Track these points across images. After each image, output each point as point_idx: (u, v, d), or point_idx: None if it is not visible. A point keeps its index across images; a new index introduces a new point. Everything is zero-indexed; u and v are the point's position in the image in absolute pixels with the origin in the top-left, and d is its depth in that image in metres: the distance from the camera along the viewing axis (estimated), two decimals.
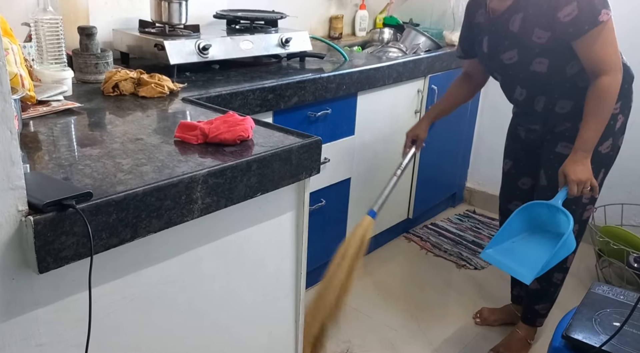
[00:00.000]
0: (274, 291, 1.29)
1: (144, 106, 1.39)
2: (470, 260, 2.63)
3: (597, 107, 1.55)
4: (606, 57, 1.52)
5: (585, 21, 1.48)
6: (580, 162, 1.58)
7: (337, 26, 2.90)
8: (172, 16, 1.86)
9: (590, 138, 1.57)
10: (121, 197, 0.86)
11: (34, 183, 0.82)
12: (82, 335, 0.89)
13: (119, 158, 1.02)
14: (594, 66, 1.54)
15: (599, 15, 1.48)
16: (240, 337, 1.25)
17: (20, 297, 0.83)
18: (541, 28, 1.56)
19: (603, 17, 1.48)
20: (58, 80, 1.39)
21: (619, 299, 1.56)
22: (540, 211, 1.63)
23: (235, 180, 1.04)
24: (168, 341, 1.08)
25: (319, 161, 1.22)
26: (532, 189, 1.92)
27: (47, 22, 1.44)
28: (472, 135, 3.12)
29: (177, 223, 0.97)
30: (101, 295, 0.93)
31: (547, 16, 1.54)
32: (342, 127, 2.14)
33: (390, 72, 2.23)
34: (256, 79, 1.80)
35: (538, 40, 1.58)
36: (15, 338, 0.84)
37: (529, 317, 1.99)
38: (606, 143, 1.68)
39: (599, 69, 1.53)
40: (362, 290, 2.36)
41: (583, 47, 1.53)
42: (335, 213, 2.25)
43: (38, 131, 1.15)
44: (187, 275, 1.07)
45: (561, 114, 1.69)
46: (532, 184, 1.92)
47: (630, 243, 2.34)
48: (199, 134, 1.11)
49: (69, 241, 0.81)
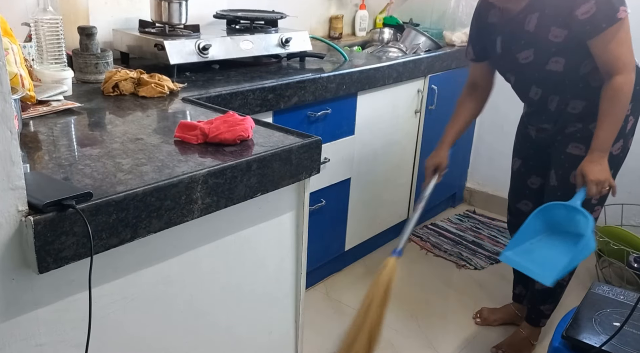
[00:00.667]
0: (274, 291, 1.29)
1: (144, 106, 1.39)
2: (470, 260, 2.63)
3: (612, 107, 1.55)
4: (621, 56, 1.51)
5: (603, 19, 1.47)
6: (598, 162, 1.58)
7: (337, 26, 2.90)
8: (172, 16, 1.86)
9: (607, 137, 1.57)
10: (121, 197, 0.86)
11: (34, 183, 0.82)
12: (82, 335, 0.89)
13: (119, 158, 1.02)
14: (609, 65, 1.53)
15: (617, 13, 1.46)
16: (240, 337, 1.25)
17: (20, 297, 0.83)
18: (558, 27, 1.55)
19: (621, 14, 1.47)
20: (58, 80, 1.39)
21: (619, 299, 1.56)
22: (558, 212, 1.60)
23: (235, 180, 1.04)
24: (168, 341, 1.08)
25: (319, 161, 1.22)
26: (541, 188, 1.90)
27: (47, 22, 1.44)
28: (472, 135, 3.12)
29: (177, 223, 0.97)
30: (101, 295, 0.93)
31: (564, 14, 1.53)
32: (342, 127, 2.13)
33: (390, 72, 2.23)
34: (256, 79, 1.80)
35: (555, 39, 1.57)
36: (15, 338, 0.84)
37: (533, 317, 1.98)
38: (617, 144, 1.67)
39: (614, 69, 1.52)
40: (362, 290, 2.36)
41: (599, 46, 1.52)
42: (335, 213, 2.25)
43: (38, 131, 1.15)
44: (187, 275, 1.07)
45: (573, 114, 1.68)
46: (541, 184, 1.91)
47: (630, 243, 2.34)
48: (199, 134, 1.11)
49: (69, 241, 0.81)
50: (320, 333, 2.05)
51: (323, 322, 2.13)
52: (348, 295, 2.32)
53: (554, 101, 1.70)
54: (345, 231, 2.35)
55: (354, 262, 2.55)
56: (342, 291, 2.34)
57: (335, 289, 2.35)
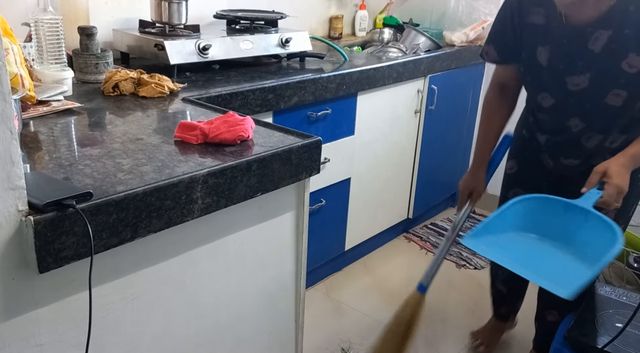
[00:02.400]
0: (274, 291, 1.29)
1: (144, 106, 1.39)
2: (470, 260, 2.63)
3: None
4: None
5: None
6: (626, 168, 1.33)
7: (337, 26, 2.90)
8: (172, 16, 1.86)
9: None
10: (121, 197, 0.86)
11: (34, 183, 0.82)
12: (82, 334, 0.89)
13: (119, 158, 1.02)
14: None
15: None
16: (240, 337, 1.25)
17: (20, 297, 0.83)
18: (637, 52, 1.24)
19: None
20: (58, 80, 1.39)
21: (621, 300, 1.56)
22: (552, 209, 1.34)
23: (235, 180, 1.04)
24: (168, 341, 1.08)
25: (319, 161, 1.22)
26: None
27: (47, 22, 1.44)
28: (472, 135, 3.12)
29: (177, 223, 0.97)
30: (101, 294, 0.93)
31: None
32: (342, 127, 2.14)
33: (390, 72, 2.23)
34: (256, 79, 1.80)
35: (629, 70, 1.26)
36: (15, 338, 0.84)
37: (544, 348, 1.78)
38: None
39: None
40: (362, 290, 2.36)
41: None
42: (335, 213, 2.25)
43: (38, 131, 1.15)
44: (187, 275, 1.07)
45: (609, 148, 1.43)
46: None
47: (630, 243, 2.34)
48: (199, 134, 1.11)
49: (69, 241, 0.81)
50: (320, 333, 2.05)
51: (323, 322, 2.13)
52: (348, 294, 2.32)
53: (594, 138, 1.42)
54: (345, 231, 2.35)
55: (354, 262, 2.55)
56: (342, 291, 2.34)
57: (335, 289, 2.35)
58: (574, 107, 1.40)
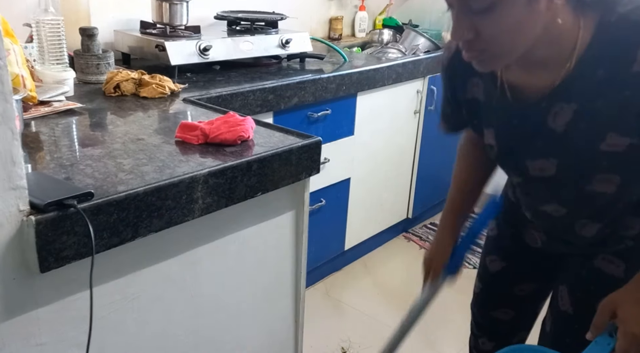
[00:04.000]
0: (274, 291, 1.29)
1: (145, 106, 1.40)
2: (470, 259, 2.63)
3: None
4: None
5: None
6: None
7: (336, 27, 2.91)
8: (173, 17, 1.87)
9: None
10: (122, 197, 0.87)
11: (35, 182, 0.83)
12: (82, 334, 0.89)
13: (120, 158, 1.02)
14: None
15: None
16: (240, 337, 1.25)
17: (21, 297, 0.83)
18: (619, 132, 0.90)
19: None
20: (59, 80, 1.40)
21: None
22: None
23: (236, 180, 1.05)
24: (168, 341, 1.08)
25: (319, 161, 1.22)
26: (534, 296, 1.29)
27: (49, 23, 1.45)
28: None
29: (177, 223, 0.97)
30: (102, 294, 0.93)
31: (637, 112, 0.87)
32: (342, 128, 2.14)
33: (390, 73, 2.23)
34: (256, 79, 1.80)
35: (609, 149, 0.92)
36: (16, 337, 0.85)
37: None
38: None
39: None
40: (362, 290, 2.36)
41: None
42: (335, 213, 2.26)
43: (39, 131, 1.15)
44: (187, 275, 1.07)
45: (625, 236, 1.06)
46: (535, 290, 1.28)
47: None
48: (199, 135, 1.12)
49: (70, 240, 0.82)
50: (320, 332, 2.06)
51: (323, 322, 2.13)
52: (348, 294, 2.32)
53: (590, 227, 1.06)
54: (345, 231, 2.36)
55: (354, 262, 2.56)
56: (342, 290, 2.35)
57: (335, 288, 2.36)
58: (545, 193, 1.06)
